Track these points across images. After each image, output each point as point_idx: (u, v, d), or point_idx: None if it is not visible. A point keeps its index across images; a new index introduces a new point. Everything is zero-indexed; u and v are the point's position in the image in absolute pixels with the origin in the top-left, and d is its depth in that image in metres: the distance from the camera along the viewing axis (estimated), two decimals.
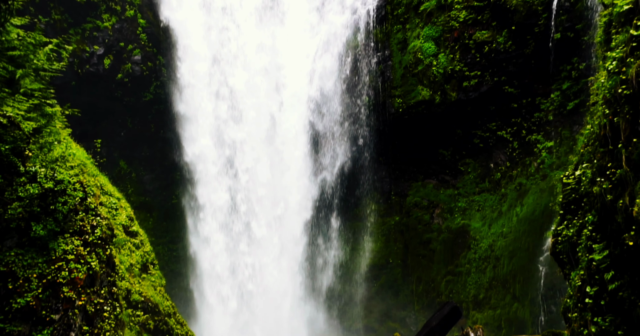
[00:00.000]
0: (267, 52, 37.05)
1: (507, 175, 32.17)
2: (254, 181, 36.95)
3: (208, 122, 36.26)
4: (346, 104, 36.32)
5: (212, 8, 36.35)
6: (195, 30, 35.81)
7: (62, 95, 20.42)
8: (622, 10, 14.93)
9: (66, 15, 32.29)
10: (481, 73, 31.74)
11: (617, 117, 14.81)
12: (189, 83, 36.01)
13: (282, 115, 36.98)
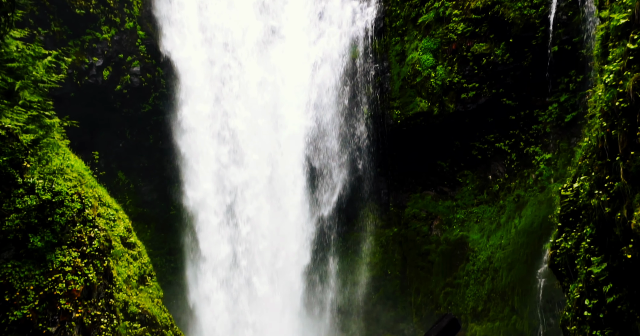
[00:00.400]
0: (268, 88, 36.92)
1: (506, 187, 32.19)
2: (255, 232, 36.74)
3: (209, 168, 36.25)
4: (344, 116, 36.38)
5: (213, 43, 36.20)
6: (197, 69, 35.76)
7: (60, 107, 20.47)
8: (618, 23, 15.01)
9: (65, 27, 32.41)
10: (479, 85, 31.83)
11: (615, 129, 14.86)
12: (190, 126, 36.07)
13: (281, 158, 36.86)
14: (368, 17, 35.68)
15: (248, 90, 36.76)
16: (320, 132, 36.62)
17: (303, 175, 37.04)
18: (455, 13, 31.90)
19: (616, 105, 14.56)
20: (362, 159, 36.95)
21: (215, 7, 36.38)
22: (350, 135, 36.71)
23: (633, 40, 14.23)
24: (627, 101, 14.28)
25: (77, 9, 32.31)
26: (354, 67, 35.92)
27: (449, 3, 32.22)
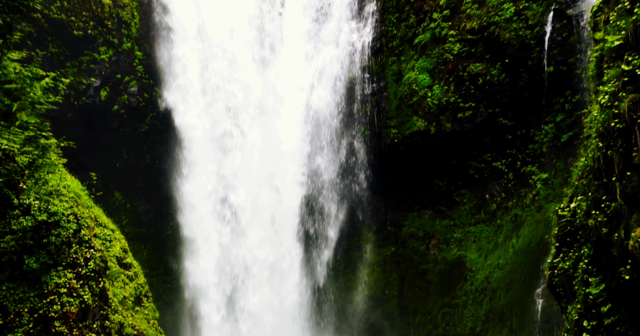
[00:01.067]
0: (269, 142, 37.11)
1: (503, 206, 32.17)
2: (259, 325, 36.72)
3: (211, 246, 36.33)
4: (342, 135, 36.44)
5: (215, 107, 36.39)
6: (201, 143, 36.04)
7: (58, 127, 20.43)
8: (613, 45, 15.13)
9: (63, 48, 32.60)
10: (476, 104, 31.94)
11: (611, 150, 14.89)
12: (192, 204, 36.21)
13: (281, 218, 36.91)
14: (365, 38, 35.91)
15: (251, 163, 37.02)
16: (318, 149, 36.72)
17: (299, 234, 37.22)
18: (451, 33, 32.12)
19: (612, 125, 14.62)
20: (359, 179, 36.94)
21: (217, 65, 36.50)
22: (348, 154, 36.73)
23: (627, 62, 14.33)
24: (622, 122, 14.33)
25: (75, 30, 32.53)
26: (351, 87, 36.04)
27: (444, 24, 32.45)
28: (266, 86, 37.12)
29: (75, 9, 32.44)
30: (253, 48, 37.16)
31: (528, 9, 29.47)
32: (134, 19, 34.69)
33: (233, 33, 36.42)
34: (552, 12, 28.53)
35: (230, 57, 36.40)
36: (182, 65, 35.68)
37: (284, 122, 36.76)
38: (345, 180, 37.00)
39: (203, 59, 35.95)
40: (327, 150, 36.74)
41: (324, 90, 36.49)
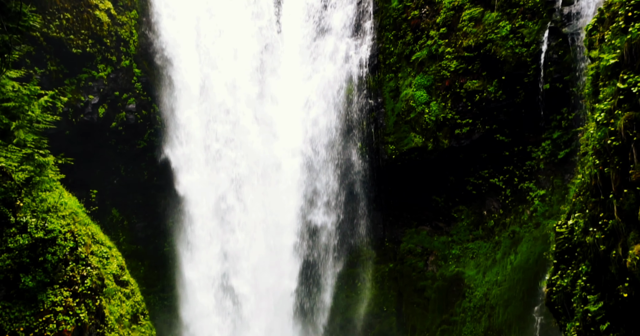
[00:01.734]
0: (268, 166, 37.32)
1: (501, 223, 32.15)
2: None
3: (211, 287, 36.46)
4: (339, 151, 36.48)
5: (216, 138, 36.59)
6: (201, 195, 36.30)
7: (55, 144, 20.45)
8: (608, 64, 15.23)
9: (62, 66, 32.70)
10: (473, 121, 32.05)
11: (608, 167, 14.93)
12: (194, 244, 36.36)
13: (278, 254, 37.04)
14: (362, 55, 36.12)
15: (251, 205, 37.21)
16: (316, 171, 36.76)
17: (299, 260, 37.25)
18: (448, 51, 32.32)
19: (608, 143, 14.67)
20: (358, 195, 36.95)
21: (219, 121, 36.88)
22: (345, 171, 36.76)
23: (623, 80, 14.41)
24: (618, 139, 14.38)
25: (74, 48, 32.66)
26: (348, 103, 36.16)
27: (441, 41, 32.67)
28: None
29: (74, 27, 32.60)
30: None
31: (524, 27, 29.71)
32: (132, 36, 34.86)
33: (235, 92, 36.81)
34: (547, 31, 28.76)
35: None
36: (185, 132, 36.30)
37: None
38: (343, 194, 37.03)
39: None
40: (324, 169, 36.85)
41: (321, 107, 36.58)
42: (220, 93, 36.28)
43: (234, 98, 36.57)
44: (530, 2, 29.50)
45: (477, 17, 31.36)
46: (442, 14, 32.76)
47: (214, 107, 36.35)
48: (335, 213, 37.03)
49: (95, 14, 33.19)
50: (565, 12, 27.95)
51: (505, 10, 30.38)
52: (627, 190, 13.80)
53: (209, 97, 36.26)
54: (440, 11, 32.89)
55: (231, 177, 36.61)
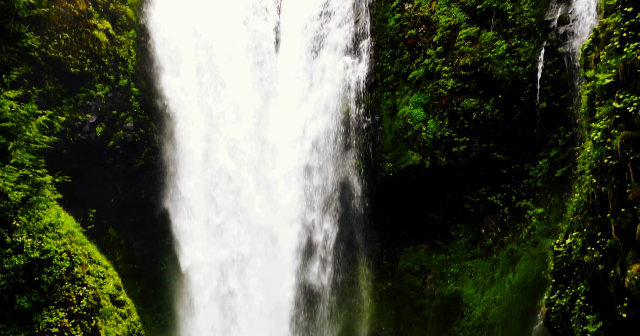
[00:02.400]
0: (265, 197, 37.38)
1: (499, 241, 32.07)
2: None
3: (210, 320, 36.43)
4: (337, 169, 36.51)
5: (213, 166, 36.71)
6: (199, 232, 36.36)
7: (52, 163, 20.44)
8: (604, 83, 15.33)
9: (60, 85, 32.77)
10: (470, 139, 32.12)
11: (605, 186, 14.94)
12: (196, 287, 36.25)
13: None
14: (360, 73, 36.28)
15: None
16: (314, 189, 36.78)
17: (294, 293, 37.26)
18: (445, 69, 32.46)
19: (605, 162, 14.70)
20: (356, 212, 36.88)
21: None
22: (343, 188, 36.75)
23: (619, 100, 14.49)
24: (615, 159, 14.42)
25: (72, 68, 32.74)
26: (346, 121, 36.28)
27: (438, 60, 32.84)
28: None
29: (73, 47, 32.72)
30: None
31: (520, 46, 29.91)
32: (130, 56, 34.98)
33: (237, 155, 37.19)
34: (543, 50, 28.94)
35: None
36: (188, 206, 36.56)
37: None
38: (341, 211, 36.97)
39: None
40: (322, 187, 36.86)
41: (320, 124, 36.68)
42: (222, 158, 36.65)
43: (236, 162, 36.88)
44: (526, 22, 29.74)
45: (473, 36, 31.57)
46: (438, 33, 32.95)
47: (215, 174, 36.63)
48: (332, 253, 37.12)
49: (94, 33, 33.35)
50: (561, 32, 28.15)
51: (502, 30, 30.61)
52: (625, 209, 13.80)
53: (211, 163, 36.57)
54: (437, 30, 33.09)
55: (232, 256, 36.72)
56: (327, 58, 37.20)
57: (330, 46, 37.26)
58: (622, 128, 14.23)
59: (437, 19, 33.08)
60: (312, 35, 37.78)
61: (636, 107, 13.77)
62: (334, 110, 36.32)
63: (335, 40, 37.14)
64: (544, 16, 29.18)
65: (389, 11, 35.39)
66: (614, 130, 14.44)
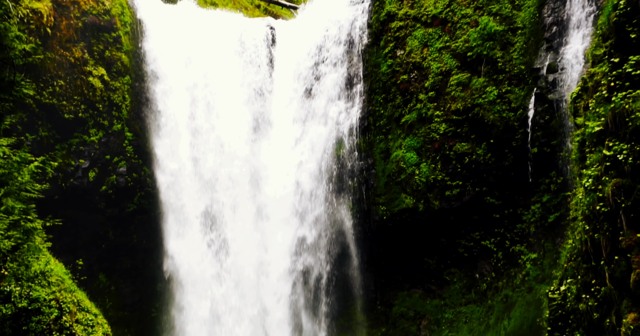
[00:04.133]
0: None
1: (493, 287, 31.82)
2: None
3: None
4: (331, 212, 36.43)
5: (206, 237, 36.74)
6: None
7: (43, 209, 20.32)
8: (593, 131, 15.51)
9: (53, 131, 32.86)
10: (463, 183, 32.22)
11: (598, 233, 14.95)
12: None
13: None
14: (353, 117, 36.55)
15: None
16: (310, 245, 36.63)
17: None
18: (437, 114, 32.78)
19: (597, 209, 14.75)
20: (350, 256, 36.64)
21: None
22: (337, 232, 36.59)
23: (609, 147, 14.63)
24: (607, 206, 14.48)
25: (66, 114, 32.90)
26: (339, 164, 36.38)
27: (430, 104, 33.17)
28: None
29: (67, 94, 32.96)
30: None
31: (510, 92, 30.36)
32: (125, 101, 35.21)
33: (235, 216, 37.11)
34: (533, 96, 29.38)
35: None
36: None
37: None
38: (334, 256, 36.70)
39: None
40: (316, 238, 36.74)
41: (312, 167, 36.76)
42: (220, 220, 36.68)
43: (233, 219, 36.81)
44: (516, 69, 30.27)
45: (464, 82, 32.02)
46: (430, 78, 33.38)
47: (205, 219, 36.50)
48: None
49: (89, 80, 33.63)
50: (550, 79, 28.63)
51: (492, 76, 31.11)
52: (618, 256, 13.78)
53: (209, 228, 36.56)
54: (429, 76, 33.53)
55: None
56: (321, 102, 37.54)
57: (324, 90, 37.65)
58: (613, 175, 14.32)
59: (429, 65, 33.55)
60: (305, 79, 38.22)
61: (626, 155, 13.90)
62: (327, 154, 36.46)
63: (329, 84, 37.55)
64: (533, 64, 29.74)
65: (381, 57, 35.91)
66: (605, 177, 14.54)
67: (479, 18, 31.83)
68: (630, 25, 14.83)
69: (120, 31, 35.19)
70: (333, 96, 37.35)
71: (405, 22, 34.84)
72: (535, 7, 30.32)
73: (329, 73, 37.72)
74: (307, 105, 37.93)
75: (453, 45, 32.71)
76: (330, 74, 37.70)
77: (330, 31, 38.24)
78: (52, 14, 32.48)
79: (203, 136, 36.82)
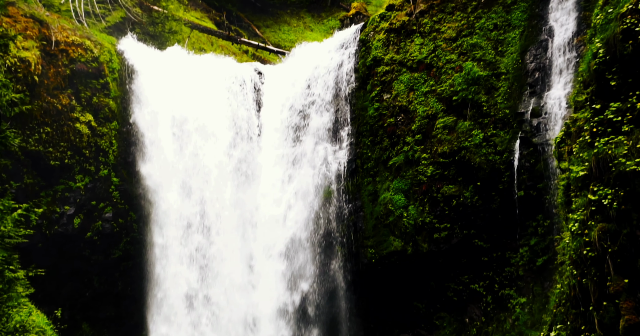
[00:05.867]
0: None
1: (483, 331, 31.43)
2: None
3: None
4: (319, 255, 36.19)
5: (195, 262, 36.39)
6: None
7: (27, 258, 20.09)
8: (578, 175, 15.61)
9: (39, 178, 32.64)
10: (451, 225, 32.18)
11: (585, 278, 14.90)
12: None
13: None
14: (341, 159, 36.69)
15: None
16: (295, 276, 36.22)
17: None
18: (424, 156, 32.95)
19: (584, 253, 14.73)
20: (338, 300, 36.24)
21: None
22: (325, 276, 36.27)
23: (593, 192, 14.72)
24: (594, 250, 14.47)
25: (52, 160, 32.78)
26: (327, 207, 36.31)
27: (417, 147, 33.37)
28: None
29: (54, 140, 32.88)
30: None
31: (496, 135, 30.68)
32: (112, 146, 35.18)
33: None
34: (518, 140, 29.72)
35: None
36: None
37: None
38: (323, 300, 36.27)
39: None
40: None
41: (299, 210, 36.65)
42: None
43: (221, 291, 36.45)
44: (501, 113, 30.69)
45: (450, 125, 32.34)
46: (416, 121, 33.69)
47: None
48: None
49: (76, 126, 33.65)
50: (535, 124, 29.02)
51: (477, 120, 31.47)
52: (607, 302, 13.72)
53: None
54: (415, 119, 33.84)
55: None
56: (309, 145, 37.69)
57: (312, 133, 37.87)
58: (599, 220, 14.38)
59: (415, 109, 33.89)
60: (293, 122, 38.47)
61: (610, 199, 13.98)
62: (316, 197, 36.43)
63: (317, 128, 37.78)
64: (518, 108, 30.19)
65: (368, 100, 36.28)
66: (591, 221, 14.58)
67: (463, 63, 32.39)
68: (610, 73, 15.13)
69: (109, 77, 35.46)
70: (321, 139, 37.53)
71: (391, 67, 35.35)
72: (518, 53, 31.00)
73: (317, 116, 38.00)
74: (295, 148, 38.08)
75: (439, 89, 33.17)
76: (318, 117, 37.98)
77: (317, 75, 38.73)
78: (40, 62, 32.72)
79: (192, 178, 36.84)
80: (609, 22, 15.86)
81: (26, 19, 32.75)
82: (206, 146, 37.30)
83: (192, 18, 52.41)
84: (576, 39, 28.45)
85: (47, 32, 33.36)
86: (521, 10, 31.70)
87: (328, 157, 37.03)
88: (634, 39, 14.50)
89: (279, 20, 63.27)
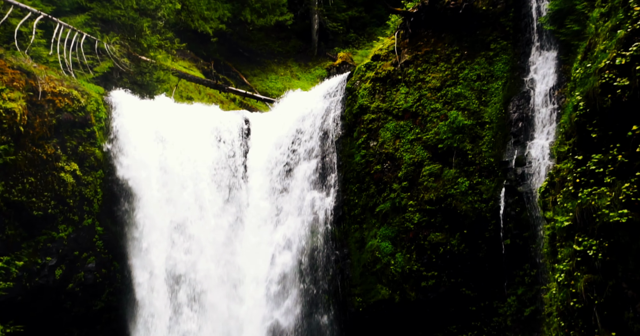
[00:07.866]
0: None
1: None
2: None
3: None
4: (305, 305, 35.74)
5: None
6: None
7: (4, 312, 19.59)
8: (563, 225, 15.69)
9: (20, 229, 32.10)
10: (438, 273, 31.99)
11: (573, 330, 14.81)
12: None
13: None
14: (328, 206, 36.64)
15: None
16: None
17: None
18: (411, 203, 33.00)
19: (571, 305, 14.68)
20: None
21: None
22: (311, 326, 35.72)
23: (578, 243, 14.78)
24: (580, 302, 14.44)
25: (35, 210, 32.33)
26: (314, 255, 36.07)
27: (404, 194, 33.44)
28: None
29: (37, 190, 32.51)
30: None
31: (481, 184, 30.88)
32: (96, 195, 34.87)
33: None
34: (504, 189, 29.95)
35: None
36: None
37: None
38: None
39: None
40: None
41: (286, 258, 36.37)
42: None
43: None
44: (486, 162, 30.99)
45: (436, 172, 32.55)
46: (403, 169, 33.85)
47: None
48: None
49: (61, 175, 33.35)
50: (519, 172, 29.29)
51: (463, 168, 31.72)
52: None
53: None
54: (402, 166, 34.01)
55: None
56: (295, 192, 37.69)
57: (298, 180, 37.92)
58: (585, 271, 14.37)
59: (401, 156, 34.12)
60: (280, 169, 38.56)
61: (595, 250, 14.01)
62: (302, 245, 36.20)
63: (304, 175, 37.86)
64: (502, 157, 30.53)
65: (355, 148, 36.50)
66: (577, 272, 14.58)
67: (448, 112, 32.85)
68: (591, 126, 15.37)
69: (95, 126, 35.45)
70: (307, 186, 37.55)
71: (378, 115, 35.74)
72: (501, 103, 31.57)
73: (304, 163, 38.14)
74: (282, 196, 38.05)
75: (424, 137, 33.50)
76: (304, 164, 38.10)
77: (304, 123, 39.04)
78: (26, 112, 32.65)
79: None
80: (588, 76, 16.21)
81: (13, 70, 32.91)
82: (188, 200, 37.10)
83: (180, 67, 53.07)
84: (557, 91, 29.09)
85: (34, 83, 33.48)
86: (503, 62, 32.45)
87: (315, 204, 36.98)
88: (612, 93, 14.78)
89: (266, 69, 64.23)
